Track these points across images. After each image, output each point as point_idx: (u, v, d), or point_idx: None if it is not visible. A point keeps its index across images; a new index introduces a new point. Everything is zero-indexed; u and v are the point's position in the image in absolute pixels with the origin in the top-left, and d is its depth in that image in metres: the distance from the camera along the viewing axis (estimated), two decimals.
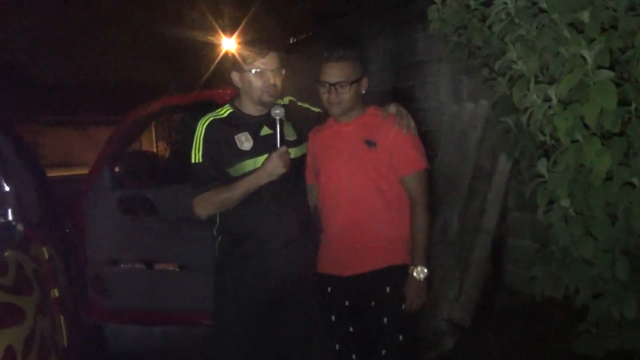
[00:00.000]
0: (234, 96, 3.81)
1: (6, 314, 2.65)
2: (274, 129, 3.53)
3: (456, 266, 5.55)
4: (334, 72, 3.53)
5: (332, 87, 3.52)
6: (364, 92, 3.65)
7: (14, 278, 2.90)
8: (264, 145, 3.57)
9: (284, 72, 3.60)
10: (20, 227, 3.22)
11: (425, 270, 3.56)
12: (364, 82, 3.64)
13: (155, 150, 25.01)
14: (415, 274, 3.55)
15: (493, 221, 5.55)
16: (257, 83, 3.55)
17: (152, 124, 22.75)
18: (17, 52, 19.57)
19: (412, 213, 3.60)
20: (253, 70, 3.53)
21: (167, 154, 19.09)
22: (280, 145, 3.52)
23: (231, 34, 13.98)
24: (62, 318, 3.73)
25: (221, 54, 13.89)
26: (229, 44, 14.06)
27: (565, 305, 3.18)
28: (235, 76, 3.62)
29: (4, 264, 2.91)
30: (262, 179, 3.50)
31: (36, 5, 17.84)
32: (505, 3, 2.86)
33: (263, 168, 3.50)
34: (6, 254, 2.99)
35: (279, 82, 3.58)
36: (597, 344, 3.02)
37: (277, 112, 3.51)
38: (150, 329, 6.17)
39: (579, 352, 3.13)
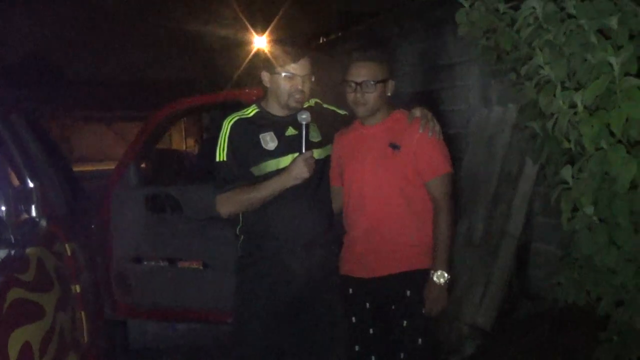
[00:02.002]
0: (261, 96, 3.82)
1: (24, 311, 2.67)
2: (300, 133, 3.54)
3: (480, 270, 5.52)
4: (360, 72, 3.55)
5: (358, 86, 3.53)
6: (389, 94, 3.65)
7: (34, 275, 2.93)
8: (288, 146, 3.59)
9: (313, 78, 3.61)
10: (43, 223, 3.24)
11: (446, 275, 3.54)
12: (390, 84, 3.64)
13: (184, 147, 25.19)
14: (435, 278, 3.53)
15: (518, 226, 5.52)
16: (285, 87, 3.55)
17: (182, 121, 22.91)
18: (50, 48, 19.77)
19: (435, 217, 3.59)
20: (283, 74, 3.54)
21: (195, 151, 19.20)
22: (306, 150, 3.53)
23: (262, 31, 14.02)
24: (83, 314, 3.75)
25: (252, 52, 13.94)
26: (260, 41, 14.10)
27: (588, 312, 3.15)
28: (265, 76, 3.63)
29: (25, 260, 2.93)
30: (287, 182, 3.50)
31: (69, 2, 17.99)
32: (533, 8, 2.83)
33: (288, 172, 3.51)
34: (28, 250, 3.02)
35: (307, 88, 3.59)
36: (619, 353, 3.00)
37: (304, 117, 3.51)
38: (173, 325, 6.22)
39: None
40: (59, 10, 18.16)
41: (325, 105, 3.87)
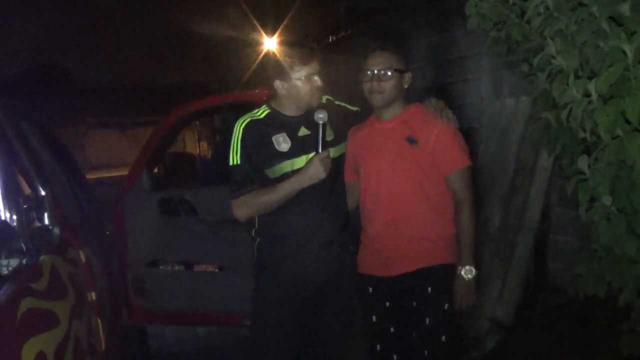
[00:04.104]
0: (271, 96, 3.79)
1: (38, 320, 2.65)
2: (316, 132, 3.51)
3: (498, 264, 5.49)
4: (378, 60, 3.55)
5: (375, 75, 3.52)
6: (406, 87, 3.64)
7: (48, 283, 2.91)
8: (301, 147, 3.57)
9: (324, 71, 3.59)
10: (56, 230, 3.22)
11: (474, 270, 3.53)
12: (407, 76, 3.62)
13: (198, 150, 25.23)
14: (463, 273, 3.52)
15: (535, 218, 5.48)
16: (305, 88, 3.54)
17: (195, 124, 22.95)
18: (62, 54, 19.84)
19: (457, 212, 3.57)
20: (302, 77, 3.52)
21: (209, 154, 19.22)
22: (322, 150, 3.50)
23: (272, 33, 14.02)
24: (99, 321, 3.74)
25: (262, 53, 13.94)
26: (270, 43, 14.10)
27: (609, 303, 3.11)
28: (279, 84, 3.58)
29: (38, 269, 2.91)
30: (303, 182, 3.49)
31: (81, 9, 18.07)
32: None
33: (304, 172, 3.49)
34: (41, 258, 3.00)
35: (322, 84, 3.58)
36: None
37: (321, 117, 3.49)
38: (191, 329, 6.21)
39: (624, 352, 3.07)
40: (70, 17, 18.24)
41: (337, 102, 3.85)
